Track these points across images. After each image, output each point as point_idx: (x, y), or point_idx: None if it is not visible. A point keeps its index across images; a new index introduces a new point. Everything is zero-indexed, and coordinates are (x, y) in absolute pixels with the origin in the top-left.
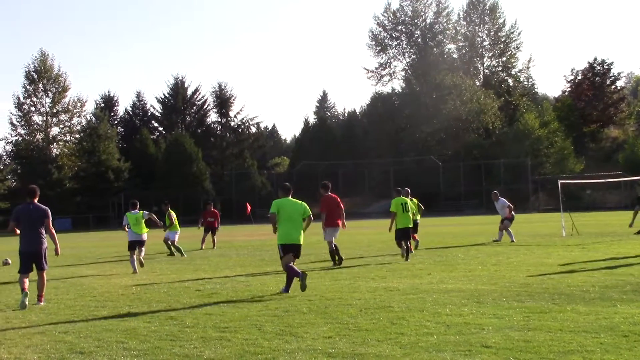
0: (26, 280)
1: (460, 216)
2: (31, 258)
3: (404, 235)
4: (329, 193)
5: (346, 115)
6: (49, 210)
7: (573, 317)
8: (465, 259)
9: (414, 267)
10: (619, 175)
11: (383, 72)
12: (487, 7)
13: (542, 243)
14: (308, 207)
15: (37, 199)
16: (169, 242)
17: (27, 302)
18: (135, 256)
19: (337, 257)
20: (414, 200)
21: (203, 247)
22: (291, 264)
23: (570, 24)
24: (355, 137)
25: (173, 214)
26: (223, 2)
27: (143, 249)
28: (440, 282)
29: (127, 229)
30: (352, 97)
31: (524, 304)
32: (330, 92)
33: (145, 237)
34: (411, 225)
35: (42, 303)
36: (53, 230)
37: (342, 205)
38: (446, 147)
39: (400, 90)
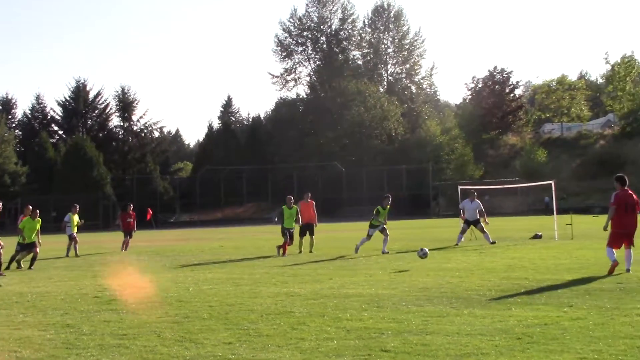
0: None
1: (363, 221)
2: None
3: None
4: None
5: (250, 120)
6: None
7: (470, 321)
8: (366, 264)
9: (315, 273)
10: (516, 182)
11: (288, 78)
12: (392, 15)
13: (441, 248)
14: None
15: None
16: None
17: None
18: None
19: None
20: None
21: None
22: None
23: (473, 32)
24: (260, 142)
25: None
26: (126, 4)
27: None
28: (341, 287)
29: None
30: (257, 102)
31: (423, 308)
32: (235, 97)
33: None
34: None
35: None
36: None
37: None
38: (350, 153)
39: (305, 96)
